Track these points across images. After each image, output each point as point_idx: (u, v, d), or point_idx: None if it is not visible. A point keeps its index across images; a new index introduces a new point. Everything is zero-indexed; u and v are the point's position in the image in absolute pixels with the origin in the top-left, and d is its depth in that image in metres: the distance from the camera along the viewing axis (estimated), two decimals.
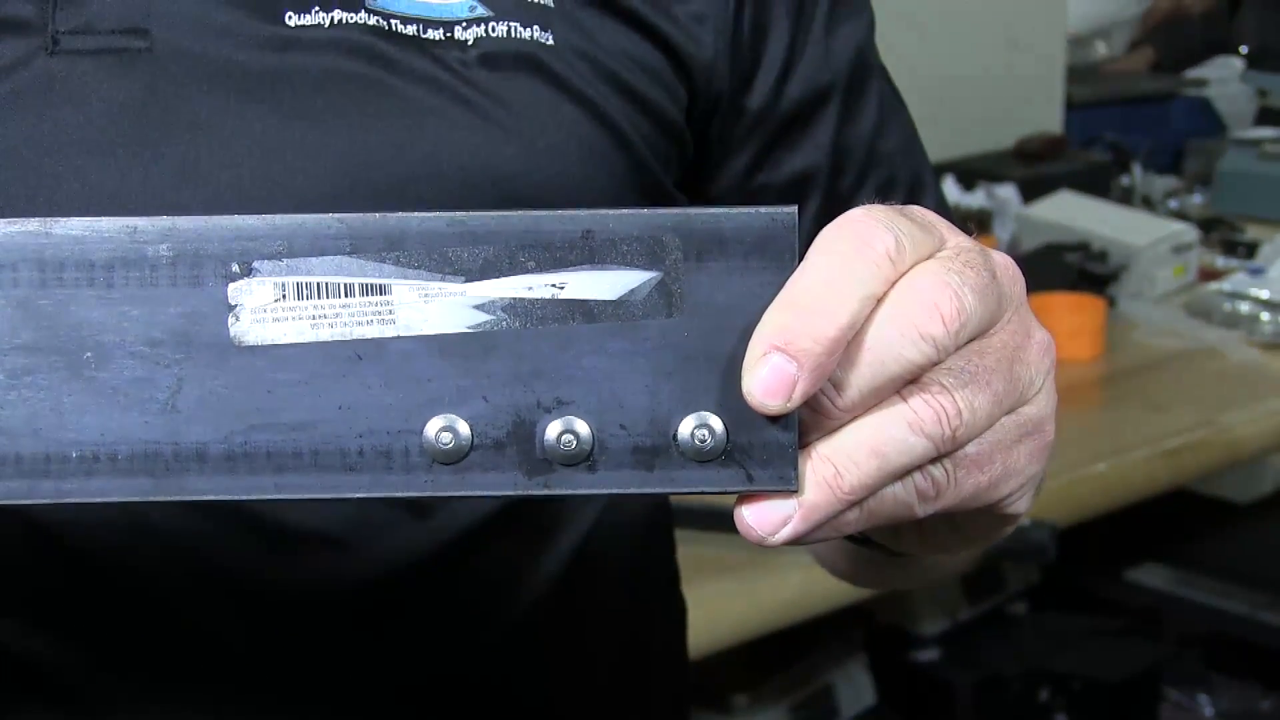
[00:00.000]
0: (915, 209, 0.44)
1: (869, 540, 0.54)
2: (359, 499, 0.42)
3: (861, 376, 0.41)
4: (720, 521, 1.25)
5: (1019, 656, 1.92)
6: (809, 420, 0.42)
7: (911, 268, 0.42)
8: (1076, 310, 1.87)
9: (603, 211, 0.41)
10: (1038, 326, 0.46)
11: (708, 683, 1.70)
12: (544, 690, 0.71)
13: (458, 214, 0.41)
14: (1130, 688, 1.91)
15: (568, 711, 0.72)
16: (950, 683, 1.88)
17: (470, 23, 0.61)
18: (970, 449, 0.43)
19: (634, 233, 0.41)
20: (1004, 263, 0.45)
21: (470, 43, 0.61)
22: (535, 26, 0.61)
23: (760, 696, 1.76)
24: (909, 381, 0.42)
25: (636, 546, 0.74)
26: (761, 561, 1.35)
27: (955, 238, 0.44)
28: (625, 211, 0.41)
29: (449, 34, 0.60)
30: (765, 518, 0.42)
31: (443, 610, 0.66)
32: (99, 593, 0.61)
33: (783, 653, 1.75)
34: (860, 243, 0.41)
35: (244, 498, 0.42)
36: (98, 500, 0.41)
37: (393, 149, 0.59)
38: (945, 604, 1.95)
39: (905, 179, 0.72)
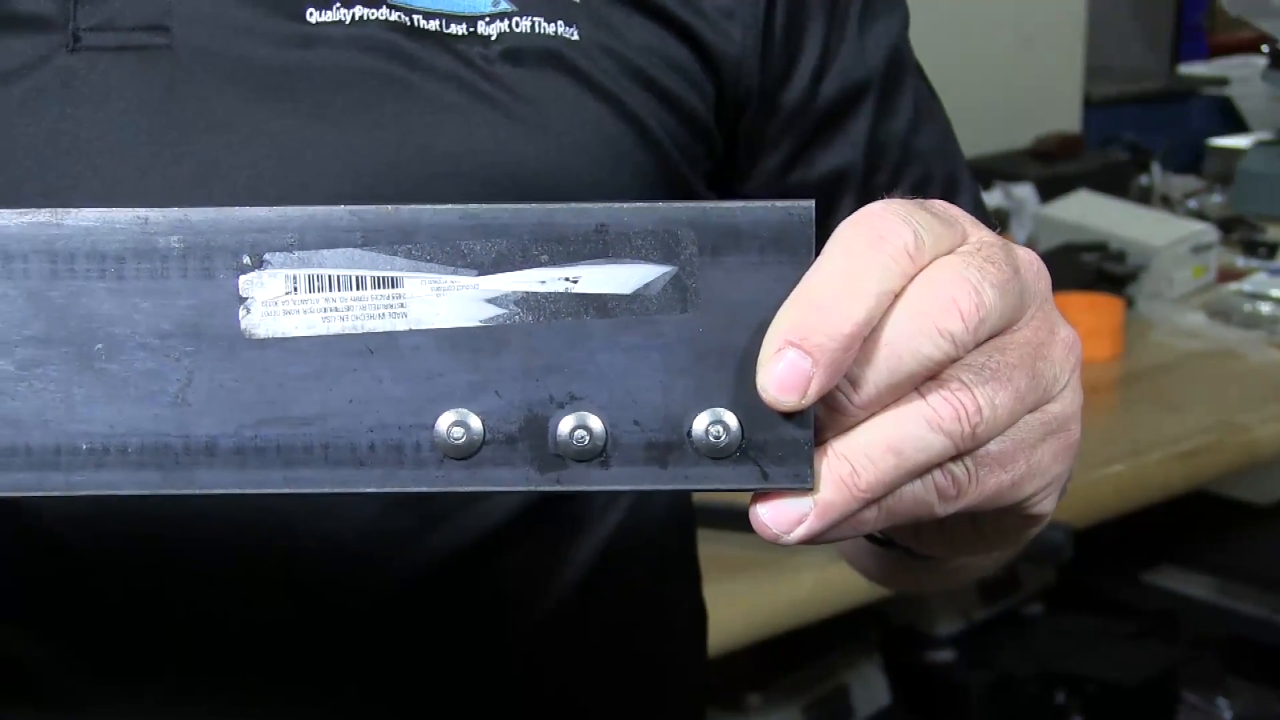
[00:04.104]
0: (937, 203, 0.43)
1: (893, 542, 0.53)
2: (369, 494, 0.41)
3: (878, 373, 0.41)
4: (735, 520, 1.25)
5: (1034, 658, 1.92)
6: (825, 417, 0.41)
7: (931, 262, 0.41)
8: (1094, 310, 1.86)
9: (617, 205, 0.41)
10: (1062, 323, 0.45)
11: (722, 681, 1.69)
12: (564, 692, 0.70)
13: (470, 207, 0.41)
14: (1147, 691, 1.90)
15: (586, 712, 0.72)
16: (965, 684, 1.88)
17: (494, 18, 0.60)
18: (992, 447, 0.43)
19: (648, 226, 0.41)
20: (1028, 258, 0.44)
21: (493, 38, 0.60)
22: (560, 22, 0.61)
23: (774, 696, 1.76)
24: (928, 378, 0.41)
25: (659, 550, 0.74)
26: (776, 561, 1.34)
27: (978, 232, 0.43)
28: (639, 205, 0.41)
29: (472, 29, 0.60)
30: (781, 516, 0.41)
31: (465, 614, 0.66)
32: (107, 600, 0.61)
33: (797, 652, 1.75)
34: (878, 237, 0.41)
35: (253, 491, 0.41)
36: (106, 493, 0.41)
37: (414, 147, 0.58)
38: (960, 605, 1.94)
39: (941, 178, 0.71)
